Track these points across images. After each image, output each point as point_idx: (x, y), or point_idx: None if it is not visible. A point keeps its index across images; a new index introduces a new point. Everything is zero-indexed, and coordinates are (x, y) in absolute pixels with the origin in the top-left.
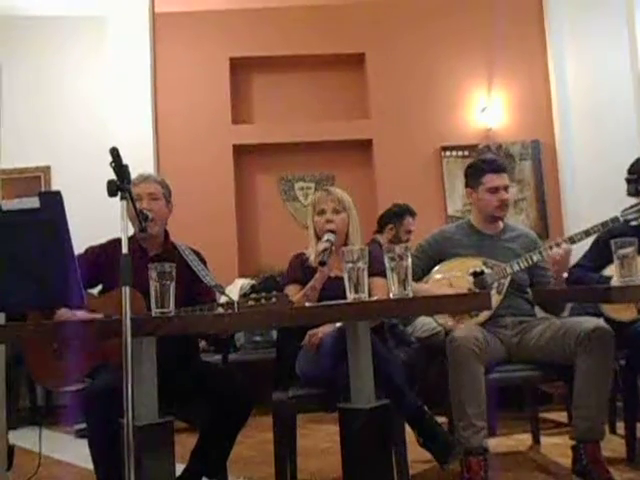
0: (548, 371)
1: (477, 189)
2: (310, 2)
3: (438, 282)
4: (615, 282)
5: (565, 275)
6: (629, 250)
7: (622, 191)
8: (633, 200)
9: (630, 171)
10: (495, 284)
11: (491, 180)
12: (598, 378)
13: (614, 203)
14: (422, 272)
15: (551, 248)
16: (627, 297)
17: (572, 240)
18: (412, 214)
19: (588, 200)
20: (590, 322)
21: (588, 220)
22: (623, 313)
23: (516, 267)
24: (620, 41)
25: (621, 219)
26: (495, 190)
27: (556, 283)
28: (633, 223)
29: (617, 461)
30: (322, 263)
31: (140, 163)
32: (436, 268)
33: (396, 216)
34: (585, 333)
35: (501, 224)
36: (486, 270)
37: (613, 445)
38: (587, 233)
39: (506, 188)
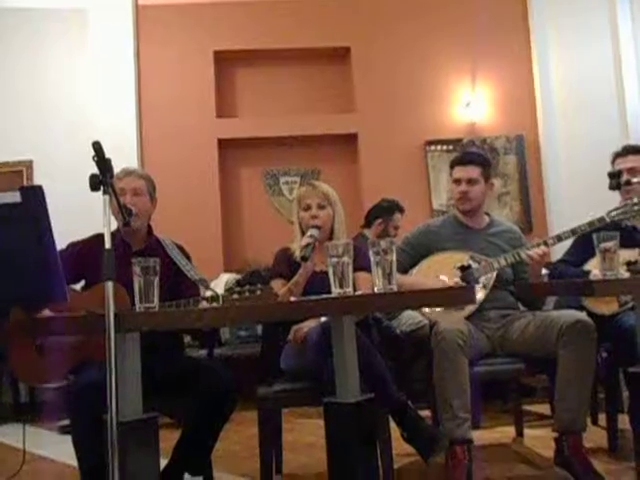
0: (531, 364)
1: (451, 181)
2: None
3: (425, 271)
4: (596, 275)
5: (544, 272)
6: (611, 244)
7: (604, 185)
8: (615, 194)
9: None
10: (482, 278)
11: (456, 172)
12: (580, 370)
13: (596, 197)
14: (409, 265)
15: (539, 245)
16: (609, 291)
17: (559, 238)
18: (401, 210)
19: (571, 194)
20: (572, 315)
21: (571, 214)
22: (605, 306)
23: (503, 262)
24: (603, 38)
25: (607, 219)
26: (458, 182)
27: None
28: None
29: (599, 452)
30: (304, 258)
31: (123, 157)
32: (423, 262)
33: (385, 211)
34: (567, 326)
35: (487, 218)
36: (473, 264)
37: (595, 436)
38: (574, 232)
39: (470, 181)
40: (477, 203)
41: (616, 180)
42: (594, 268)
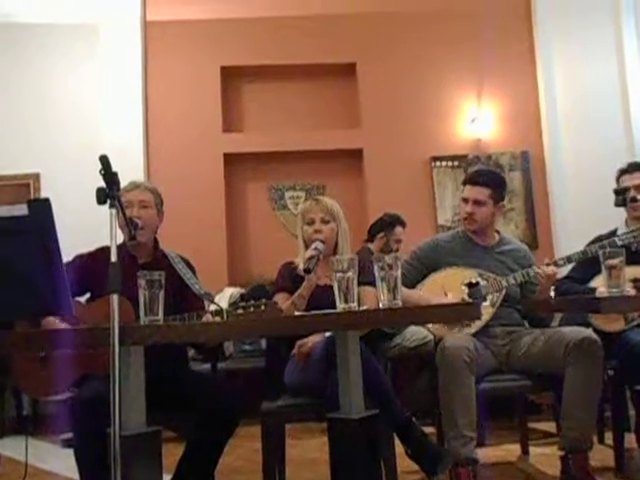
0: (537, 381)
1: None
2: (301, 12)
3: (432, 286)
4: (602, 292)
5: (552, 293)
6: (617, 261)
7: (610, 201)
8: (621, 210)
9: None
10: (489, 296)
11: (465, 191)
12: (587, 388)
13: (602, 214)
14: (416, 280)
15: (548, 265)
16: (615, 308)
17: (569, 259)
18: (402, 224)
19: (577, 210)
20: (579, 332)
21: (577, 230)
22: (611, 324)
23: (512, 281)
24: (608, 53)
25: (619, 243)
26: (465, 201)
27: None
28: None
29: (605, 471)
30: (307, 270)
31: (130, 171)
32: (431, 276)
33: (387, 225)
34: (574, 343)
35: (497, 236)
36: (481, 282)
37: (602, 455)
38: (584, 253)
39: (476, 202)
40: (484, 224)
41: (622, 197)
42: (600, 285)
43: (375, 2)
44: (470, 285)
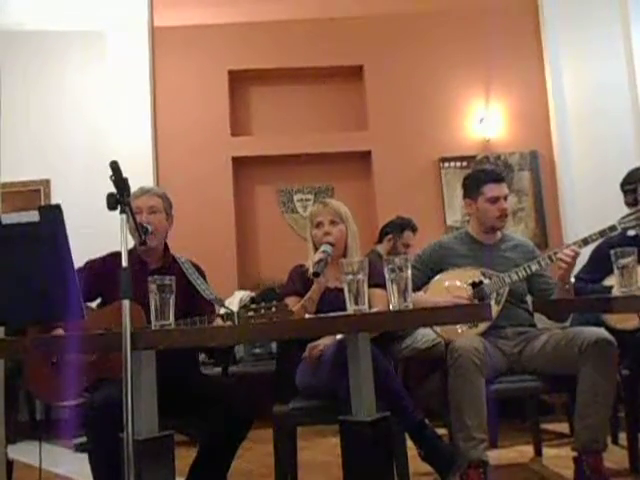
0: (550, 382)
1: (477, 199)
2: (308, 15)
3: (436, 288)
4: (616, 292)
5: (572, 279)
6: (629, 260)
7: (620, 201)
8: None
9: (627, 181)
10: (494, 294)
11: (491, 190)
12: (601, 389)
13: (612, 213)
14: (421, 283)
15: (556, 254)
16: (628, 307)
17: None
18: (413, 229)
19: (586, 210)
20: (593, 332)
21: (586, 230)
22: (625, 322)
23: (514, 277)
24: (616, 52)
25: (619, 227)
26: (495, 200)
27: (564, 288)
28: (631, 232)
29: (620, 472)
30: (316, 274)
31: (139, 176)
32: (435, 278)
33: (396, 227)
34: (588, 343)
35: (499, 234)
36: (485, 280)
37: (615, 456)
38: (585, 241)
39: (505, 198)
40: None
41: (632, 196)
42: (614, 284)
43: (381, 4)
44: (474, 285)
